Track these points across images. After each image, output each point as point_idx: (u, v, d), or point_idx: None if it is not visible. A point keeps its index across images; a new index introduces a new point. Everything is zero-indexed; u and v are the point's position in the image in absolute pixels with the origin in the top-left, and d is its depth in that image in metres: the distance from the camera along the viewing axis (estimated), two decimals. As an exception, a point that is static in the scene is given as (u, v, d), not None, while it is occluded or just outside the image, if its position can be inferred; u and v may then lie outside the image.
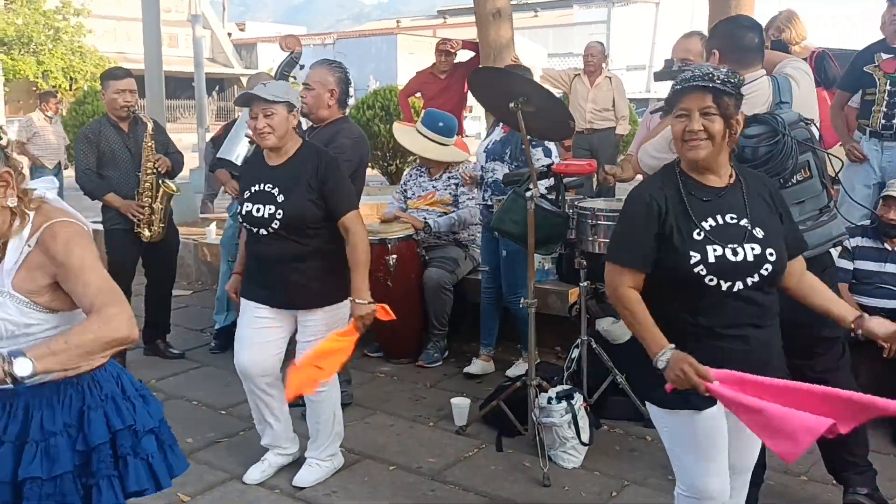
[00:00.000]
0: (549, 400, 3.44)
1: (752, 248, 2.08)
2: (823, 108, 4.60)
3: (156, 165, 4.58)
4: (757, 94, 2.72)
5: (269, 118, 2.99)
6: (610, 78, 7.21)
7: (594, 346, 3.79)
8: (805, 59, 4.85)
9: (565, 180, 3.74)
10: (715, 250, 2.06)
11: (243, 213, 3.16)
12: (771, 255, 2.09)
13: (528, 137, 4.02)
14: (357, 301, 3.05)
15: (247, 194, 3.15)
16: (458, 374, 4.59)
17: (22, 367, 1.64)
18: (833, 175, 2.76)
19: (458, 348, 4.86)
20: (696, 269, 2.06)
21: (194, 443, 3.67)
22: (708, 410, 2.11)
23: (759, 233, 2.11)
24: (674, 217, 2.11)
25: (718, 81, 2.07)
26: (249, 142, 3.97)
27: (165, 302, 4.96)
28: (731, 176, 2.18)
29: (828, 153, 2.75)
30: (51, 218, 1.86)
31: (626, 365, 2.49)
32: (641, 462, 3.44)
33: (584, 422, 3.42)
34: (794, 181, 2.58)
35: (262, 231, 3.10)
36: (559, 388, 3.53)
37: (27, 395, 1.88)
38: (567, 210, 3.66)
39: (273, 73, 4.46)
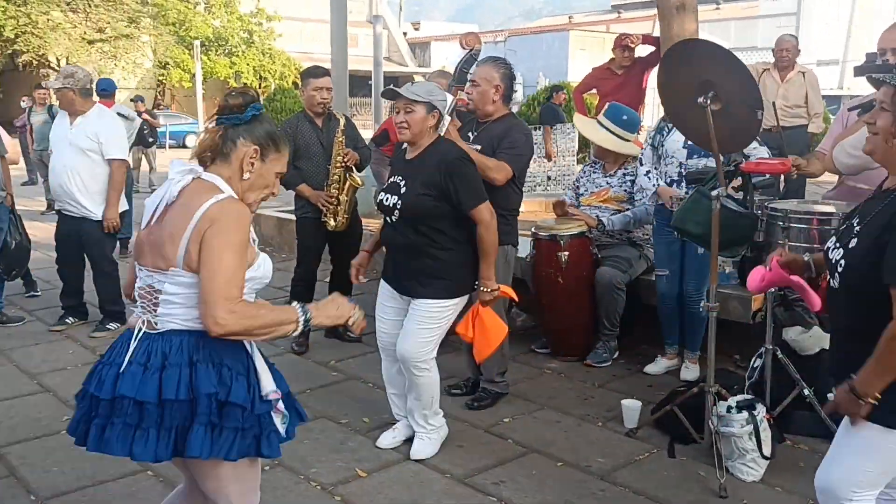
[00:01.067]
0: (729, 409, 3.29)
1: (838, 252, 2.10)
2: None
3: (345, 159, 4.83)
4: None
5: (409, 114, 3.24)
6: (803, 73, 6.78)
7: (780, 355, 3.58)
8: None
9: (754, 180, 3.56)
10: (831, 241, 2.15)
11: (377, 200, 3.49)
12: (840, 265, 2.08)
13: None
14: (482, 289, 3.34)
15: (385, 184, 3.47)
16: (627, 375, 4.50)
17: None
18: None
19: (629, 349, 4.76)
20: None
21: (371, 422, 3.84)
22: None
23: (852, 242, 2.07)
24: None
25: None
26: None
27: (347, 288, 5.19)
28: None
29: None
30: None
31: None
32: (829, 482, 3.22)
33: (766, 434, 3.25)
34: None
35: (389, 219, 3.38)
36: (740, 397, 3.38)
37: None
38: (755, 211, 3.48)
39: (454, 71, 4.56)
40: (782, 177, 5.74)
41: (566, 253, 4.53)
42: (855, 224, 2.11)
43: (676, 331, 4.48)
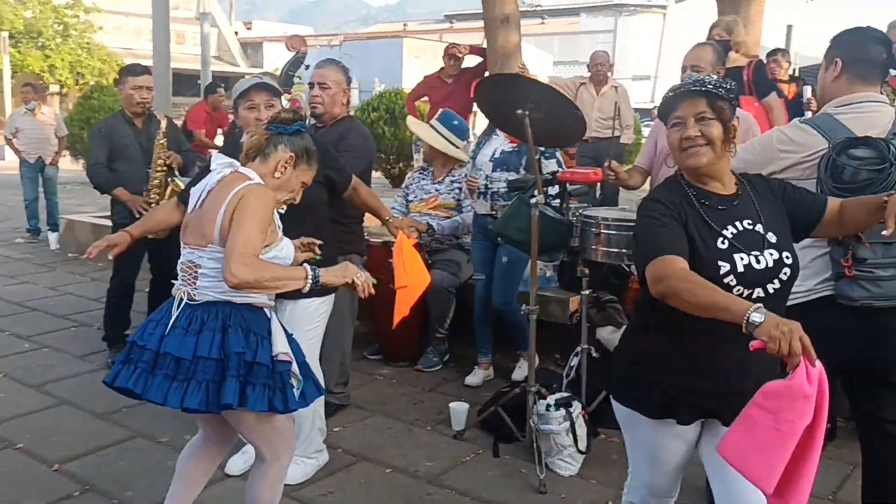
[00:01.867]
0: (548, 407, 3.45)
1: (771, 254, 2.03)
2: (761, 118, 4.62)
3: (166, 162, 4.60)
4: (874, 116, 2.55)
5: (270, 110, 3.09)
6: (616, 87, 7.23)
7: (594, 354, 3.79)
8: (743, 67, 4.95)
9: (570, 188, 3.75)
10: (742, 259, 2.00)
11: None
12: (787, 258, 2.04)
13: (540, 148, 4.07)
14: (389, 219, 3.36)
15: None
16: (457, 378, 4.60)
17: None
18: None
19: (459, 353, 4.86)
20: (725, 280, 1.98)
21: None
22: (686, 429, 2.09)
23: (772, 237, 2.05)
24: (693, 226, 2.03)
25: (711, 86, 2.03)
26: None
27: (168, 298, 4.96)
28: (735, 182, 2.13)
29: None
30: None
31: (611, 368, 2.31)
32: (638, 471, 3.44)
33: (581, 430, 3.43)
34: None
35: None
36: (558, 395, 3.54)
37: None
38: (571, 218, 3.67)
39: (279, 73, 4.48)
40: (598, 185, 6.12)
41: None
42: (750, 227, 2.06)
43: (489, 337, 4.60)
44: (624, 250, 3.48)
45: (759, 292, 2.00)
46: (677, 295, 1.88)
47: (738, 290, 1.99)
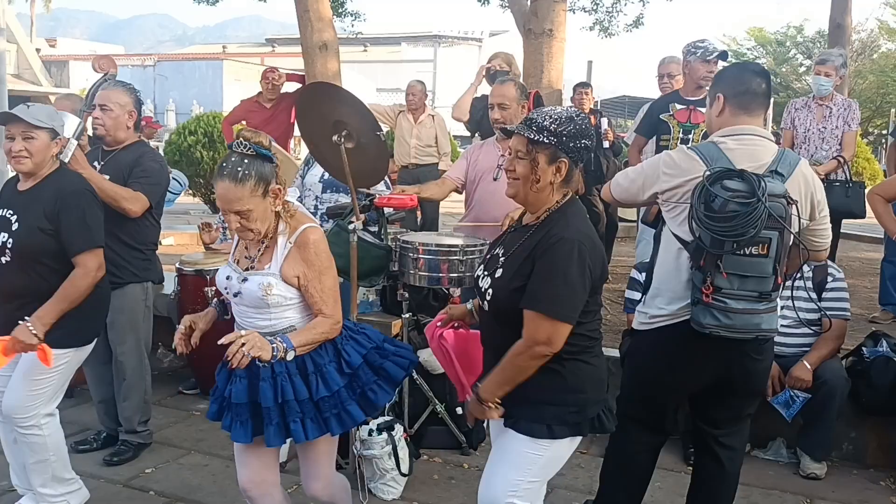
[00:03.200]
0: (370, 432, 3.45)
1: (487, 281, 2.34)
2: None
3: None
4: (755, 149, 2.63)
5: (28, 142, 2.90)
6: (433, 116, 7.43)
7: (415, 376, 3.85)
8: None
9: (387, 213, 3.81)
10: (480, 269, 2.43)
11: None
12: (489, 294, 2.33)
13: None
14: (27, 324, 2.81)
15: None
16: (279, 408, 4.49)
17: (290, 355, 2.37)
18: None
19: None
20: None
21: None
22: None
23: (498, 272, 2.31)
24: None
25: (534, 130, 2.21)
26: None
27: None
28: (541, 220, 2.27)
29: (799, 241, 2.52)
30: (302, 222, 2.49)
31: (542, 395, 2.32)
32: (458, 489, 3.53)
33: (403, 452, 3.46)
34: (748, 252, 2.43)
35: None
36: (380, 419, 3.56)
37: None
38: (389, 243, 3.72)
39: (86, 94, 4.22)
40: (419, 209, 6.25)
41: (213, 287, 4.38)
42: (500, 255, 2.34)
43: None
44: (442, 274, 3.58)
45: (484, 303, 2.38)
46: None
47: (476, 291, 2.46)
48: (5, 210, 2.97)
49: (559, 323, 2.15)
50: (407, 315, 3.89)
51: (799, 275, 3.82)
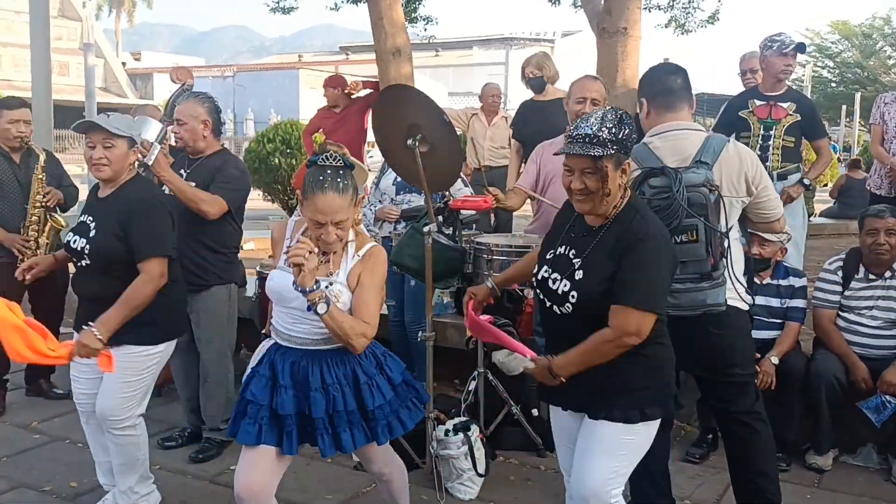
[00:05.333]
0: (447, 432, 3.48)
1: (565, 285, 2.34)
2: None
3: (45, 199, 4.42)
4: (678, 142, 2.78)
5: (108, 150, 2.98)
6: (506, 118, 7.42)
7: (490, 377, 3.86)
8: (564, 99, 5.28)
9: (462, 215, 3.84)
10: (547, 272, 2.41)
11: (65, 242, 3.18)
12: (573, 297, 2.31)
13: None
14: (92, 329, 2.85)
15: (76, 224, 3.16)
16: (357, 408, 4.56)
17: (321, 307, 2.37)
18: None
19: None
20: (533, 280, 2.47)
21: (79, 486, 3.51)
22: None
23: (578, 274, 2.32)
24: (553, 232, 2.50)
25: (598, 146, 2.23)
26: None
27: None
28: (607, 218, 2.34)
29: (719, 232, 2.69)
30: (368, 239, 2.62)
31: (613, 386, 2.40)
32: (536, 491, 3.52)
33: (480, 453, 3.47)
34: (679, 240, 2.63)
35: (80, 264, 3.09)
36: (456, 420, 3.58)
37: (323, 357, 2.59)
38: (464, 245, 3.75)
39: (166, 105, 4.40)
40: (492, 212, 6.25)
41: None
42: (571, 256, 2.36)
43: (408, 358, 4.64)
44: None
45: (556, 308, 2.37)
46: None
47: (538, 292, 2.45)
48: (86, 216, 3.10)
49: (648, 314, 2.25)
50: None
51: (890, 274, 3.68)
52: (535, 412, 3.91)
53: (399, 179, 4.43)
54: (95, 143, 2.98)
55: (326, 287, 2.43)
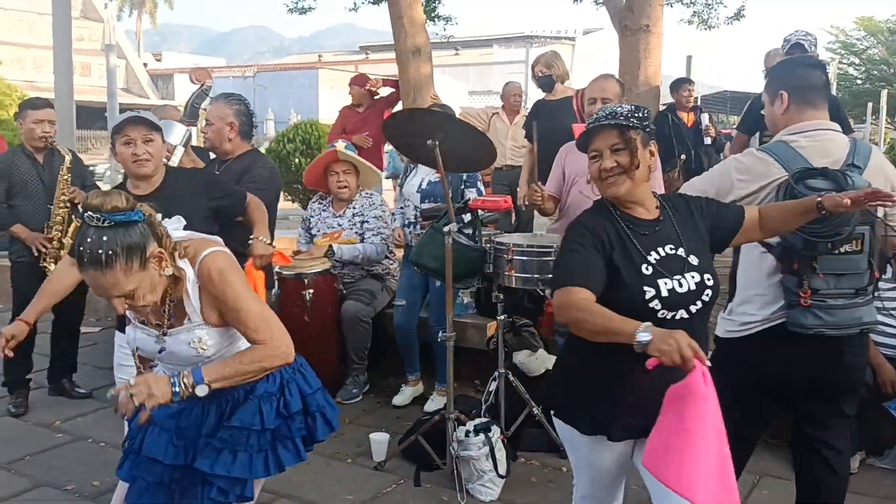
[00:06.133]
0: (467, 433, 3.46)
1: (693, 277, 2.12)
2: None
3: (70, 198, 4.46)
4: (826, 143, 2.57)
5: (149, 144, 2.97)
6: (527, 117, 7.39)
7: (511, 378, 3.84)
8: (573, 97, 5.23)
9: (481, 215, 3.81)
10: (666, 283, 2.09)
11: None
12: (709, 279, 2.13)
13: (462, 175, 4.13)
14: (260, 238, 3.24)
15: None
16: (377, 408, 4.56)
17: (201, 390, 1.98)
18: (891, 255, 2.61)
19: (378, 383, 4.83)
20: (651, 304, 2.07)
21: (101, 486, 3.53)
22: (618, 444, 2.17)
23: (693, 260, 2.14)
24: (620, 252, 2.12)
25: (622, 118, 2.14)
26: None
27: (73, 340, 4.80)
28: (657, 206, 2.22)
29: (890, 226, 2.49)
30: (198, 253, 2.06)
31: (550, 387, 2.35)
32: (557, 493, 3.48)
33: (501, 454, 3.45)
34: (843, 251, 2.39)
35: None
36: (477, 421, 3.56)
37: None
38: (484, 245, 3.72)
39: (185, 106, 4.42)
40: (513, 211, 6.23)
41: (311, 291, 4.52)
42: (670, 251, 2.14)
43: (415, 358, 4.64)
44: (536, 275, 3.55)
45: (682, 314, 2.11)
46: (577, 324, 2.02)
47: (663, 313, 2.08)
48: None
49: None
50: (502, 317, 3.88)
51: None
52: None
53: (425, 186, 4.41)
54: (134, 140, 2.94)
55: (186, 370, 2.00)
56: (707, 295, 2.13)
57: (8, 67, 27.20)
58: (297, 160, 10.63)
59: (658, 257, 2.13)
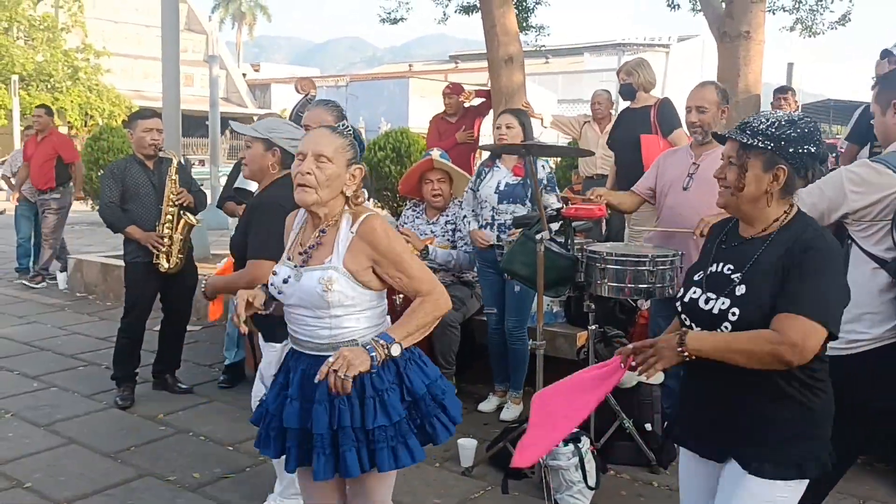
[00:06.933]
0: (556, 443, 3.43)
1: (723, 303, 2.02)
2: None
3: (178, 198, 4.67)
4: None
5: (247, 150, 3.28)
6: (619, 125, 7.28)
7: (601, 389, 3.78)
8: (650, 107, 5.03)
9: (574, 224, 3.79)
10: (695, 293, 2.08)
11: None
12: (734, 314, 2.00)
13: (543, 181, 4.12)
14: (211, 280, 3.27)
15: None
16: (464, 414, 4.52)
17: (395, 349, 2.11)
18: None
19: (466, 389, 4.85)
20: (676, 303, 2.13)
21: (201, 477, 3.67)
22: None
23: (740, 290, 2.01)
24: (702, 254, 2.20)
25: (747, 134, 2.03)
26: None
27: (179, 337, 5.02)
28: (765, 230, 2.06)
29: None
30: (360, 214, 2.26)
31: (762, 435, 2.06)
32: (648, 508, 3.42)
33: (590, 465, 3.41)
34: None
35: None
36: (566, 430, 3.53)
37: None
38: (576, 253, 3.70)
39: (289, 115, 4.57)
40: (604, 221, 6.15)
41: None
42: (728, 273, 2.06)
43: (505, 367, 4.63)
44: (630, 285, 3.50)
45: (698, 330, 2.06)
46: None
47: (683, 317, 2.12)
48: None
49: (819, 327, 1.88)
50: (593, 327, 3.84)
51: None
52: (648, 426, 3.81)
53: (503, 188, 4.41)
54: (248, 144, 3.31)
55: (371, 338, 2.13)
56: (725, 328, 2.01)
57: (118, 77, 28.75)
58: (387, 168, 10.81)
59: (715, 270, 2.09)
